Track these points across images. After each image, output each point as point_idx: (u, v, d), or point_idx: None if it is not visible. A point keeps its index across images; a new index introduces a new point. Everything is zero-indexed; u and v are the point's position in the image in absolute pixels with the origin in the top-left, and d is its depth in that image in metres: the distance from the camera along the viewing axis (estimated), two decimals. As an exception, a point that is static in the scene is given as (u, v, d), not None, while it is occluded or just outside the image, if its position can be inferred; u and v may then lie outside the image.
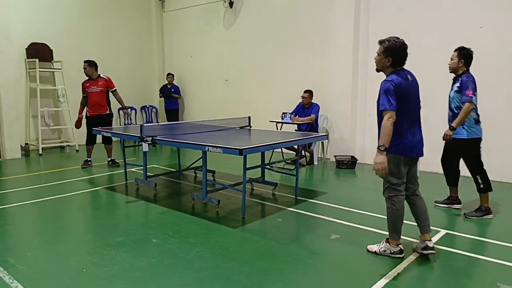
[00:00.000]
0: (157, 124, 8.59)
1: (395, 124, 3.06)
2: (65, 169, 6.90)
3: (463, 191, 4.70)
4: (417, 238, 3.48)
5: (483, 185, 4.25)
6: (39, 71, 8.39)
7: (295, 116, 7.24)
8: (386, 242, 3.32)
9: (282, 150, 7.66)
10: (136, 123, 10.38)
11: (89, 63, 6.85)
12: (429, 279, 2.99)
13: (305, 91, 7.22)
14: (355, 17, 7.06)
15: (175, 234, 3.80)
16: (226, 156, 4.53)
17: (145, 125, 5.03)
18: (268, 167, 5.80)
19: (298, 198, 5.03)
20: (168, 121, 10.04)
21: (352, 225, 4.06)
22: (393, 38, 3.16)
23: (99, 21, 9.72)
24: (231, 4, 9.12)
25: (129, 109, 6.95)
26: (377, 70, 3.33)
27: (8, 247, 3.55)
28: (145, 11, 10.75)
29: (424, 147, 3.33)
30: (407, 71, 3.24)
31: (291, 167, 6.81)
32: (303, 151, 7.20)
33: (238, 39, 9.18)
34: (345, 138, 7.42)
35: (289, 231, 4.04)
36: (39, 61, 8.37)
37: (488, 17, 5.84)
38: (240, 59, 9.21)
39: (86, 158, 6.98)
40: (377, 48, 3.32)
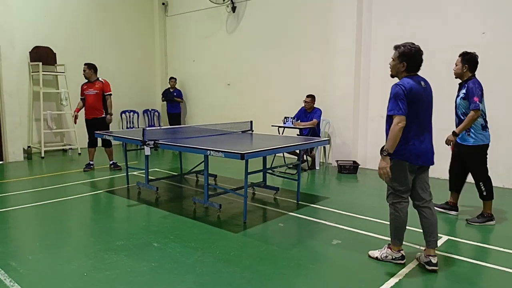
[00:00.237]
0: (159, 127, 8.60)
1: (404, 130, 3.02)
2: (67, 172, 6.92)
3: (465, 196, 4.68)
4: (420, 244, 3.47)
5: (486, 193, 4.22)
6: (43, 74, 8.43)
7: (297, 121, 7.24)
8: (388, 248, 3.30)
9: (283, 154, 7.65)
10: (138, 127, 10.41)
11: (88, 65, 6.89)
12: (431, 285, 2.97)
13: (307, 96, 7.23)
14: (357, 22, 7.07)
15: (176, 239, 3.80)
16: (228, 160, 4.53)
17: (147, 128, 5.04)
18: (269, 171, 5.80)
19: (300, 203, 5.02)
20: (170, 125, 10.05)
21: (354, 230, 4.05)
22: (408, 43, 3.14)
23: (102, 24, 9.77)
24: (233, 9, 9.16)
25: (110, 118, 6.90)
26: (392, 76, 3.27)
27: (10, 251, 3.55)
28: (148, 15, 10.80)
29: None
30: (421, 77, 3.20)
31: (292, 171, 6.80)
32: (305, 156, 7.20)
33: (241, 43, 9.21)
34: (347, 143, 7.42)
35: (291, 236, 4.03)
36: (43, 64, 8.41)
37: (491, 23, 5.84)
38: (242, 63, 9.24)
39: (89, 161, 7.00)
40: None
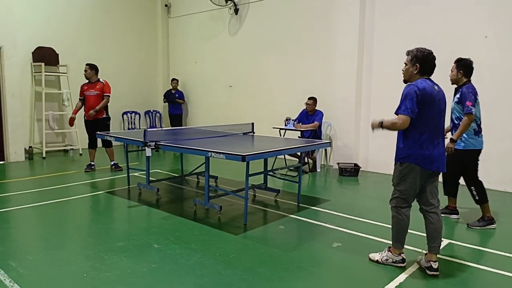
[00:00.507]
0: (160, 129, 8.61)
1: (416, 132, 3.02)
2: (68, 172, 6.93)
3: (463, 199, 4.67)
4: (422, 248, 3.46)
5: (478, 197, 4.23)
6: (45, 75, 8.45)
7: (299, 123, 7.24)
8: (389, 251, 3.29)
9: (285, 156, 7.66)
10: (139, 128, 10.42)
11: (90, 66, 6.89)
12: (431, 289, 2.96)
13: (309, 98, 7.23)
14: (359, 25, 7.07)
15: (176, 240, 3.79)
16: (229, 162, 4.53)
17: (149, 130, 5.05)
18: (270, 173, 5.80)
19: (301, 205, 5.01)
20: (172, 126, 10.07)
21: (355, 233, 4.04)
22: (420, 47, 3.15)
23: (105, 25, 9.79)
24: (236, 11, 9.18)
25: (93, 113, 6.75)
26: (404, 81, 3.22)
27: (10, 251, 3.55)
28: (151, 17, 10.82)
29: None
30: (435, 82, 3.18)
31: (293, 174, 6.80)
32: (306, 158, 7.19)
33: (243, 45, 9.22)
34: (349, 145, 7.41)
35: (291, 238, 4.03)
36: (45, 65, 8.43)
37: (493, 27, 5.84)
38: (244, 65, 9.24)
39: (90, 162, 7.01)
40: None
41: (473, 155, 4.19)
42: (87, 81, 6.93)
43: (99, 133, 6.10)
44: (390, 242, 3.33)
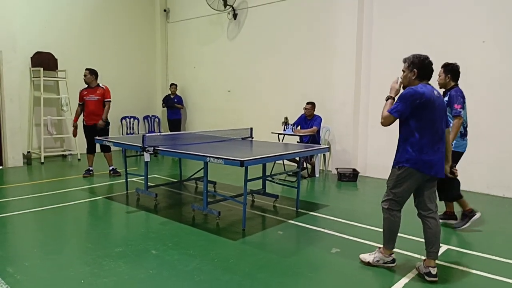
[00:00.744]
0: (159, 134, 8.60)
1: (415, 136, 3.06)
2: (66, 178, 6.91)
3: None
4: (420, 253, 3.45)
5: (454, 195, 4.30)
6: (44, 79, 8.45)
7: (297, 128, 7.24)
8: (379, 252, 3.34)
9: (283, 161, 7.65)
10: (138, 133, 10.42)
11: (90, 71, 6.88)
12: (430, 295, 2.95)
13: (307, 103, 7.24)
14: (357, 30, 7.11)
15: (174, 246, 3.78)
16: (228, 167, 4.53)
17: (147, 135, 5.04)
18: (269, 179, 5.79)
19: (299, 210, 5.00)
20: (171, 131, 10.07)
21: (353, 239, 4.03)
22: (416, 54, 3.20)
23: (104, 30, 9.81)
24: (235, 16, 9.21)
25: (102, 123, 6.83)
26: (404, 88, 3.24)
27: (7, 256, 3.53)
28: (150, 21, 10.85)
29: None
30: (434, 88, 3.20)
31: (292, 179, 6.79)
32: (304, 163, 7.19)
33: (241, 50, 9.25)
34: (347, 150, 7.41)
35: (290, 244, 4.02)
36: (44, 70, 8.44)
37: (491, 31, 5.87)
38: (243, 70, 9.26)
39: (88, 167, 6.99)
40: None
41: (456, 157, 4.23)
42: (86, 86, 6.92)
43: (97, 138, 6.10)
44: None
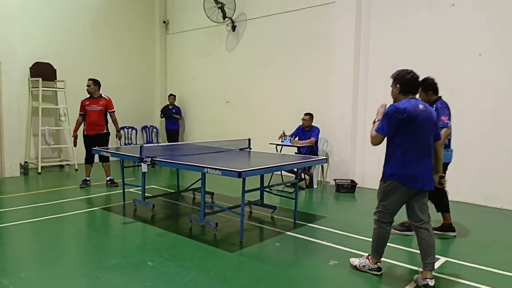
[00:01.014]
0: (157, 144, 8.60)
1: (399, 151, 3.15)
2: (64, 188, 6.87)
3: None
4: (419, 266, 3.43)
5: (440, 206, 4.34)
6: (42, 90, 8.46)
7: (295, 139, 7.25)
8: (367, 258, 3.44)
9: (281, 172, 7.63)
10: (136, 143, 10.41)
11: (94, 81, 6.90)
12: (429, 308, 2.93)
13: (305, 114, 7.27)
14: (355, 43, 7.16)
15: (171, 257, 3.75)
16: (225, 177, 4.51)
17: (145, 145, 5.03)
18: (267, 190, 5.78)
19: (297, 222, 4.98)
20: (169, 141, 10.07)
21: (351, 250, 4.00)
22: (402, 69, 3.29)
23: (103, 41, 9.87)
24: (233, 28, 9.29)
25: (120, 135, 7.05)
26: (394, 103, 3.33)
27: (3, 268, 3.50)
28: (149, 33, 10.92)
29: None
30: (420, 101, 3.28)
31: (290, 190, 6.77)
32: (302, 174, 7.18)
33: (240, 62, 9.31)
34: (345, 161, 7.42)
35: (287, 256, 3.99)
36: (43, 80, 8.45)
37: (488, 44, 5.92)
38: (241, 81, 9.31)
39: (85, 177, 6.96)
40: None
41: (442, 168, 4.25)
42: (88, 96, 6.92)
43: (94, 148, 6.09)
44: (386, 259, 3.35)
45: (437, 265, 3.61)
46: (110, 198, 6.22)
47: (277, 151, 7.25)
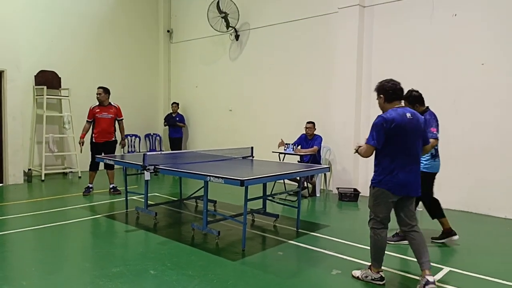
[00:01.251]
0: (160, 152, 8.62)
1: (387, 159, 3.24)
2: (67, 196, 6.88)
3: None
4: (417, 274, 3.41)
5: (433, 213, 4.36)
6: (47, 98, 8.53)
7: (298, 147, 7.25)
8: (368, 269, 3.44)
9: (284, 181, 7.63)
10: (139, 151, 10.44)
11: (104, 89, 6.96)
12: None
13: (307, 122, 7.28)
14: (357, 52, 7.19)
15: (173, 266, 3.74)
16: (228, 186, 4.51)
17: (148, 153, 5.05)
18: (269, 198, 5.77)
19: (300, 230, 4.97)
20: (172, 149, 10.09)
21: (354, 260, 3.98)
22: (382, 80, 3.43)
23: (108, 50, 9.96)
24: (237, 37, 9.35)
25: (124, 143, 7.16)
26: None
27: (5, 275, 3.50)
28: (153, 42, 11.01)
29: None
30: (407, 109, 3.37)
31: (293, 198, 6.76)
32: (305, 183, 7.17)
33: (243, 70, 9.35)
34: (348, 170, 7.40)
35: (290, 265, 3.97)
36: (47, 88, 8.52)
37: (491, 54, 5.93)
38: (244, 90, 9.35)
39: (88, 184, 6.97)
40: (379, 80, 3.52)
41: (428, 177, 4.29)
42: (97, 103, 6.95)
43: (98, 156, 6.11)
44: (388, 268, 3.35)
45: (440, 275, 3.59)
46: (113, 205, 6.23)
47: (279, 159, 7.25)
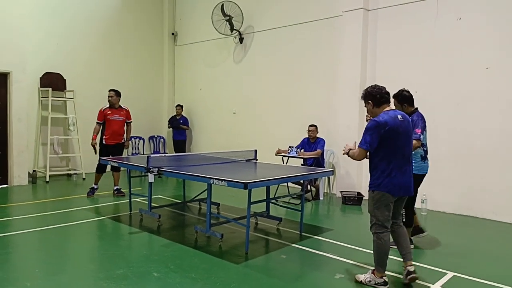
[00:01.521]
0: (163, 155, 8.64)
1: (384, 162, 3.28)
2: (71, 197, 6.92)
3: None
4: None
5: (405, 220, 4.30)
6: (52, 99, 8.58)
7: (301, 150, 7.25)
8: (372, 273, 3.44)
9: (287, 184, 7.62)
10: (143, 153, 10.47)
11: (116, 92, 7.01)
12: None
13: (310, 125, 7.28)
14: (362, 55, 7.19)
15: (176, 268, 3.75)
16: (232, 188, 4.52)
17: (152, 156, 5.07)
18: (273, 201, 5.77)
19: (303, 234, 4.96)
20: (176, 151, 10.11)
21: (358, 264, 3.97)
22: (364, 88, 3.51)
23: (112, 53, 10.01)
24: (241, 40, 9.38)
25: (128, 144, 7.32)
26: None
27: (8, 276, 3.52)
28: (158, 44, 11.06)
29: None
30: (398, 111, 3.44)
31: (296, 201, 6.75)
32: (309, 186, 7.17)
33: (247, 73, 9.37)
34: (351, 173, 7.39)
35: (293, 268, 3.96)
36: (52, 90, 8.58)
37: (495, 58, 5.91)
38: (248, 93, 9.36)
39: (93, 185, 6.99)
40: (383, 85, 3.58)
41: (418, 179, 4.28)
42: (108, 105, 6.97)
43: (102, 158, 6.14)
44: (391, 273, 3.36)
45: (444, 280, 3.58)
46: (117, 207, 6.25)
47: (283, 163, 7.25)
